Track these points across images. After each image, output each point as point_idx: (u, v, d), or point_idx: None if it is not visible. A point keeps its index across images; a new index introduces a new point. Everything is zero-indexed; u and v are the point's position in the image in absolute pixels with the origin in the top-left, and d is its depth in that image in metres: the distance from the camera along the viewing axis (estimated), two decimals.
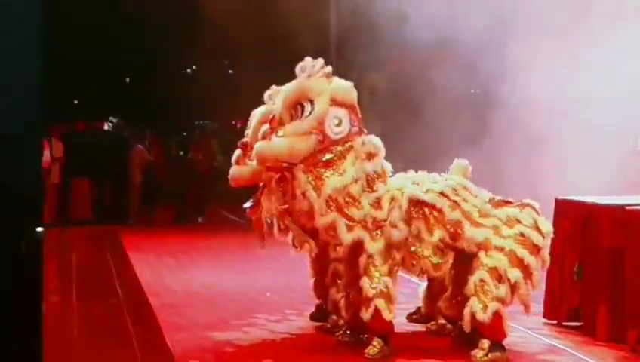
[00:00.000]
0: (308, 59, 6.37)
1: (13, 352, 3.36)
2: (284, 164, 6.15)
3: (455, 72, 11.85)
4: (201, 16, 15.26)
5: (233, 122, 20.07)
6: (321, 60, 6.36)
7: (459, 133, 11.15)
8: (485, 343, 6.04)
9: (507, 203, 6.29)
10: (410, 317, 7.14)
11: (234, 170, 6.94)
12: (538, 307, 7.14)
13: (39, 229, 3.35)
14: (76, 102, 22.89)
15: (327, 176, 6.07)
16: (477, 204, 6.20)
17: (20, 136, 3.37)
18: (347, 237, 6.07)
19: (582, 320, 6.96)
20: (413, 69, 12.03)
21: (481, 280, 6.02)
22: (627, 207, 6.60)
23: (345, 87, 6.33)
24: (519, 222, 6.15)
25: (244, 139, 6.84)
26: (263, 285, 9.04)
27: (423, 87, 11.92)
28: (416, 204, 6.14)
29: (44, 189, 3.85)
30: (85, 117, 18.48)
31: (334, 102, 6.20)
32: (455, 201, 6.14)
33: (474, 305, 6.01)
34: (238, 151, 6.88)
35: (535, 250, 6.11)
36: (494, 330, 6.03)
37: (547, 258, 6.21)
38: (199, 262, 10.74)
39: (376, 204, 6.12)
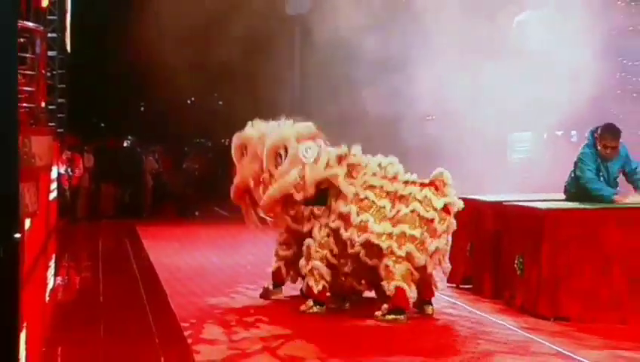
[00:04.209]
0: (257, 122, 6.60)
1: None
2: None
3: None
4: (198, 61, 15.48)
5: (223, 140, 20.23)
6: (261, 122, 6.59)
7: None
8: (385, 308, 6.01)
9: (414, 183, 6.14)
10: None
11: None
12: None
13: (17, 235, 2.85)
14: (103, 125, 22.86)
15: None
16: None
17: None
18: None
19: (472, 284, 7.17)
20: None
21: (386, 265, 5.95)
22: (504, 203, 6.87)
23: (303, 127, 6.45)
24: (415, 199, 6.01)
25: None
26: (243, 262, 9.07)
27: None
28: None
29: (19, 194, 3.01)
30: (110, 136, 18.46)
31: (301, 139, 6.34)
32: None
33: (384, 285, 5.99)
34: None
35: (425, 221, 5.98)
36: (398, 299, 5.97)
37: (440, 228, 6.01)
38: (196, 246, 10.68)
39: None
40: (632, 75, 11.46)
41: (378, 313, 6.03)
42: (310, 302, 6.31)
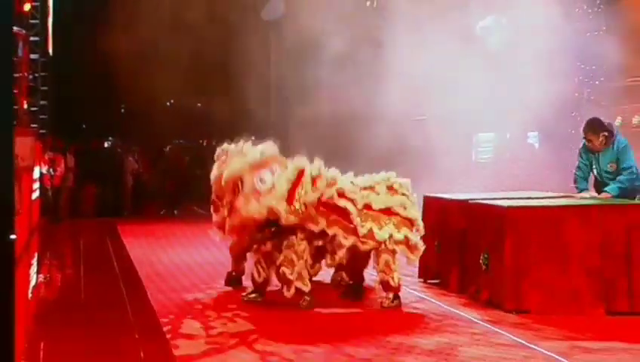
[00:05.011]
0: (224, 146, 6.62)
1: None
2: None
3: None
4: (177, 64, 15.46)
5: (200, 141, 20.12)
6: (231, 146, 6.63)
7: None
8: (391, 294, 6.33)
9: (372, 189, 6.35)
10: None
11: None
12: (415, 271, 7.48)
13: (12, 236, 2.72)
14: (84, 126, 22.68)
15: None
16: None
17: None
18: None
19: (439, 279, 7.24)
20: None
21: (386, 262, 6.26)
22: (469, 201, 6.93)
23: (258, 153, 6.38)
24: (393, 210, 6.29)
25: None
26: (221, 259, 8.90)
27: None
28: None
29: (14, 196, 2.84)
30: (91, 137, 18.31)
31: (254, 168, 6.31)
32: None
33: (383, 277, 6.27)
34: None
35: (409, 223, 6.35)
36: (397, 288, 6.35)
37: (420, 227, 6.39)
38: (175, 244, 10.64)
39: None
40: (589, 79, 11.62)
41: (385, 302, 6.30)
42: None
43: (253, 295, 6.61)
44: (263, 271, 6.50)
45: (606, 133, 6.80)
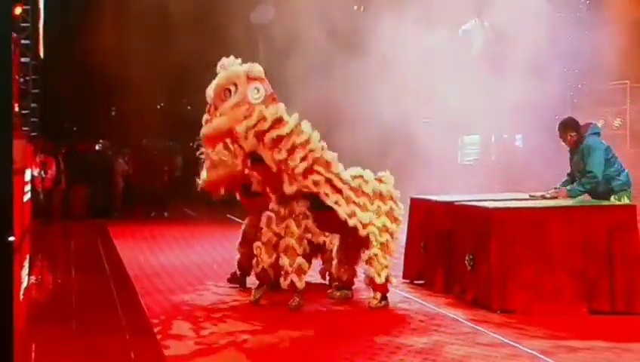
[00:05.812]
0: (225, 59, 6.22)
1: None
2: (227, 140, 5.97)
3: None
4: (167, 68, 15.41)
5: (191, 144, 20.04)
6: (232, 58, 6.23)
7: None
8: (379, 294, 6.33)
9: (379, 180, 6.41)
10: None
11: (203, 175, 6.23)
12: (399, 271, 7.41)
13: (11, 239, 2.71)
14: (75, 129, 22.59)
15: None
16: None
17: None
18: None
19: (425, 280, 7.24)
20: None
21: (375, 255, 6.27)
22: (455, 203, 6.94)
23: (254, 66, 6.14)
24: (383, 197, 6.35)
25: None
26: (210, 260, 9.03)
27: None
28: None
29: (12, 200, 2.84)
30: (82, 140, 18.23)
31: (249, 78, 6.04)
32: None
33: (370, 272, 6.27)
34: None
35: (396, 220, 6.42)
36: (384, 287, 6.35)
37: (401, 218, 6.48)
38: (165, 245, 10.60)
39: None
40: (571, 82, 11.71)
41: (373, 302, 6.30)
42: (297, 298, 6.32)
43: (259, 293, 6.49)
44: (261, 261, 6.34)
45: (573, 134, 6.86)
